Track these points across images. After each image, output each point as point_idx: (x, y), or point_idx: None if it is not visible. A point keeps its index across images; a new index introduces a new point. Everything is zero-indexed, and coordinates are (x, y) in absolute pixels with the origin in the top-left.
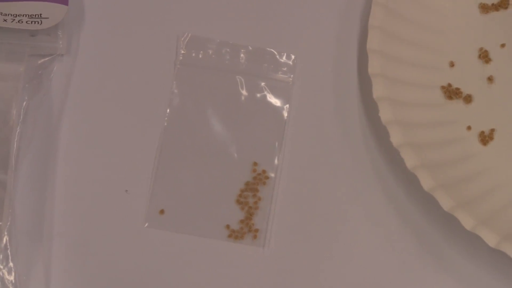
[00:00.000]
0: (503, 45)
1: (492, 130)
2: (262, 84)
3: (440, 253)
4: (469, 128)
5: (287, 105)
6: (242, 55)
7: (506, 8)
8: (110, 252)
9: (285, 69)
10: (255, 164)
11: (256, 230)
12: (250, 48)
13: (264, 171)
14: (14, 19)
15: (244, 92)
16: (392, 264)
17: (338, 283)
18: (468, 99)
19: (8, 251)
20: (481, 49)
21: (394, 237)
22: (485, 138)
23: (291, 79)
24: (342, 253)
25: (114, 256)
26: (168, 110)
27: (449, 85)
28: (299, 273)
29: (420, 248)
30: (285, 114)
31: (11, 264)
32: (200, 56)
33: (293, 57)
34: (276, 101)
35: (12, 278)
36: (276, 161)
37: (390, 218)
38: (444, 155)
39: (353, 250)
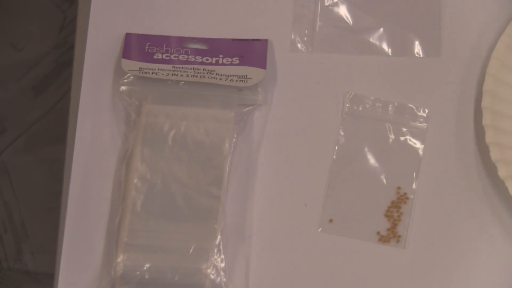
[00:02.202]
0: None
1: None
2: (404, 130)
3: None
4: None
5: (423, 146)
6: (390, 108)
7: None
8: (292, 248)
9: (421, 119)
10: (398, 188)
11: (399, 236)
12: (396, 104)
13: (405, 194)
14: (227, 78)
15: (391, 135)
16: (493, 262)
17: (456, 275)
18: None
19: (221, 246)
20: None
21: (497, 244)
22: None
23: (425, 127)
24: (458, 253)
25: (295, 252)
26: (336, 147)
27: None
28: (430, 267)
29: None
30: (421, 152)
31: (222, 256)
32: (360, 109)
33: (427, 111)
34: (414, 143)
35: (223, 265)
36: (414, 186)
37: (495, 230)
38: None
39: (465, 251)
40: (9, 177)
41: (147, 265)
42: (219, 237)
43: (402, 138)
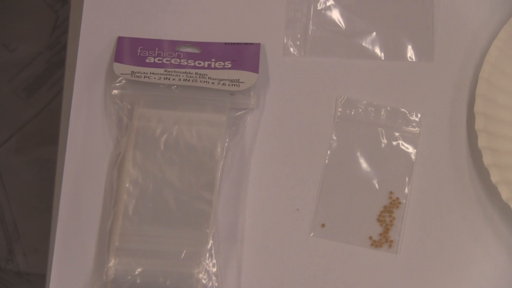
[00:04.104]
0: None
1: None
2: (397, 134)
3: None
4: None
5: (415, 150)
6: (382, 113)
7: None
8: (284, 253)
9: (414, 124)
10: (391, 193)
11: (391, 241)
12: (389, 108)
13: (397, 198)
14: (219, 83)
15: (383, 140)
16: (486, 266)
17: (448, 280)
18: None
19: (212, 250)
20: None
21: (489, 249)
22: None
23: (418, 131)
24: (451, 258)
25: (287, 256)
26: (328, 152)
27: None
28: (422, 272)
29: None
30: (413, 157)
31: (214, 260)
32: (352, 113)
33: (419, 115)
34: (407, 147)
35: (215, 270)
36: (406, 191)
37: (487, 235)
38: None
39: (457, 256)
40: (1, 177)
41: (139, 270)
42: (211, 241)
43: (394, 143)
